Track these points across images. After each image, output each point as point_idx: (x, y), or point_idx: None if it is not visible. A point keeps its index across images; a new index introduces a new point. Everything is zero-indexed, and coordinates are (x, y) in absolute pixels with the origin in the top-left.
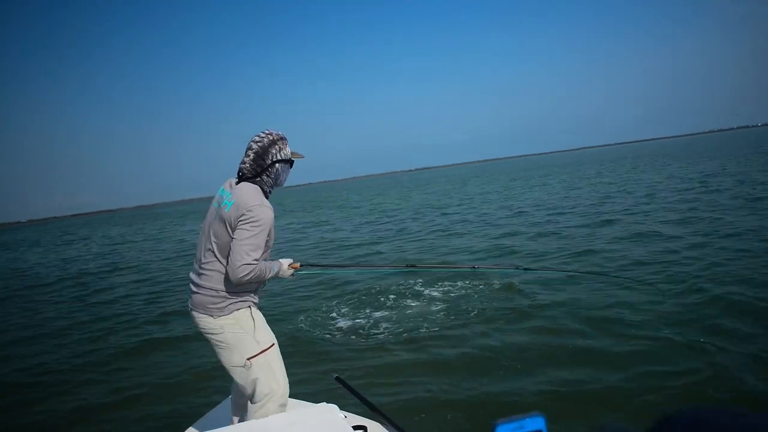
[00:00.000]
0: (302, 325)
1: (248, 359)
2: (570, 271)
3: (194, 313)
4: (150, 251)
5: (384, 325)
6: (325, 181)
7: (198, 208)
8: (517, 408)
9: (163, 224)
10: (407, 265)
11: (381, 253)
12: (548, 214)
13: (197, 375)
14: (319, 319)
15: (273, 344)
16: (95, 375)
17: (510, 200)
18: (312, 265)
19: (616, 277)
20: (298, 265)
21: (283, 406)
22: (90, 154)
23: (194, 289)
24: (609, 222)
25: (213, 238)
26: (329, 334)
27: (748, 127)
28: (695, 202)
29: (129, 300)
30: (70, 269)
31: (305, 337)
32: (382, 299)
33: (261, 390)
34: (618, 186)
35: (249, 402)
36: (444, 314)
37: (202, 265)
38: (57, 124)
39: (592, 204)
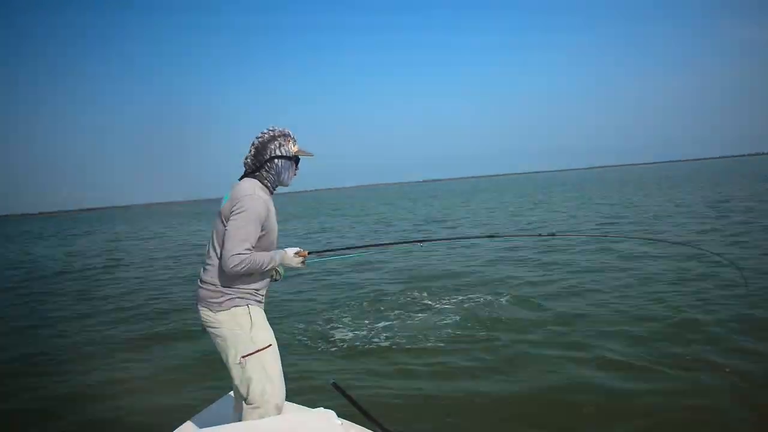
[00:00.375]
0: (301, 328)
1: (242, 357)
2: (601, 235)
3: (198, 307)
4: (155, 249)
5: (387, 333)
6: (331, 188)
7: (209, 209)
8: (514, 419)
9: (171, 223)
10: (420, 241)
11: (381, 261)
12: (550, 232)
13: (195, 371)
14: (320, 323)
15: (270, 345)
16: (94, 365)
17: (517, 216)
18: (321, 252)
19: (650, 240)
20: (306, 252)
21: (277, 409)
22: (97, 152)
23: (199, 283)
24: (604, 244)
25: (215, 234)
26: (329, 338)
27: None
28: (698, 225)
29: (131, 295)
30: (75, 263)
31: (304, 340)
32: (385, 308)
33: (254, 390)
34: (622, 207)
35: (243, 402)
36: (451, 325)
37: (207, 261)
38: (59, 122)
39: (595, 224)
